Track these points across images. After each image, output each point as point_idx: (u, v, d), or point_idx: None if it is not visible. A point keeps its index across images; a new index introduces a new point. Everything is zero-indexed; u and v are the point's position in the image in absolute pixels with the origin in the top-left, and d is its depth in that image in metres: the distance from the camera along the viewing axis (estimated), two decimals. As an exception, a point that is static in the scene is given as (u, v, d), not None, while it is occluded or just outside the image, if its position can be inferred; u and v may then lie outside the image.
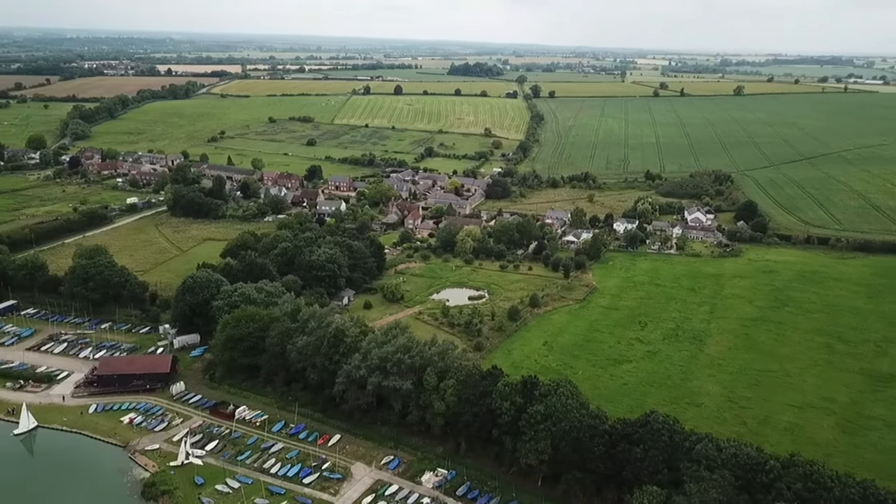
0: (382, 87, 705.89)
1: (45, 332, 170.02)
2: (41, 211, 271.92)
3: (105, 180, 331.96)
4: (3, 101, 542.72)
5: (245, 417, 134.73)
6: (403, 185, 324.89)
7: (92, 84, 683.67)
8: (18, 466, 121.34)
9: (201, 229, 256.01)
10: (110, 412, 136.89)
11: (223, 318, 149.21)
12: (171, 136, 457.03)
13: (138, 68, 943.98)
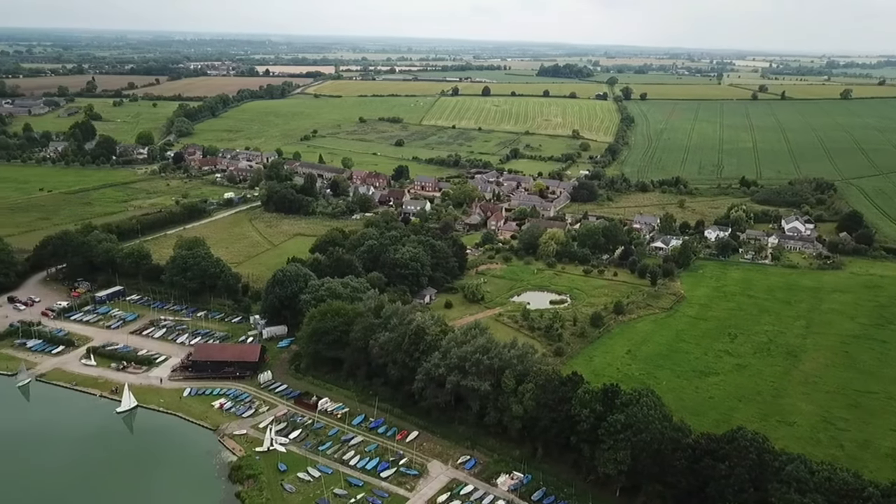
0: (470, 88, 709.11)
1: (147, 318, 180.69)
2: (147, 203, 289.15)
3: (205, 175, 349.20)
4: (117, 100, 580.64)
5: (327, 409, 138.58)
6: (487, 186, 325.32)
7: (196, 84, 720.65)
8: (119, 442, 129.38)
9: (292, 225, 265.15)
10: (202, 396, 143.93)
11: (310, 311, 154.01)
12: (266, 135, 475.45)
13: (239, 69, 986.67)
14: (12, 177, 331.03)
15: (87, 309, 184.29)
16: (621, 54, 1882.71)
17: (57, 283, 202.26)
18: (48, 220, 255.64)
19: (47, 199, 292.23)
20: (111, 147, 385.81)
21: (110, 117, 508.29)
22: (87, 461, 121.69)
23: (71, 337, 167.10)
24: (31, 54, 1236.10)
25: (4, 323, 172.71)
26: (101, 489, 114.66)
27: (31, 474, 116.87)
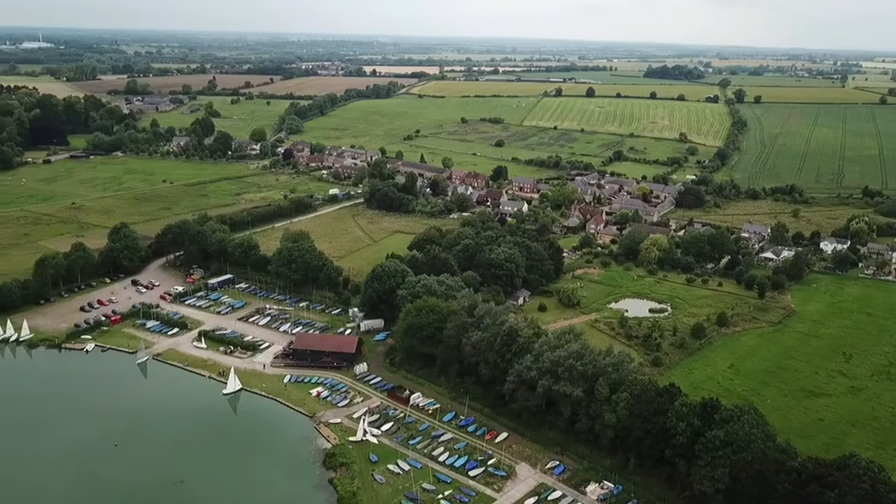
0: (574, 89, 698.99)
1: (254, 306, 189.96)
2: (258, 197, 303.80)
3: (312, 172, 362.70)
4: (234, 98, 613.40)
5: (419, 404, 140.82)
6: (588, 188, 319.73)
7: (307, 83, 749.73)
8: (223, 422, 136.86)
9: (392, 222, 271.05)
10: (301, 384, 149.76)
11: (406, 306, 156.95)
12: (371, 134, 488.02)
13: (347, 69, 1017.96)
14: (140, 169, 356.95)
15: (200, 295, 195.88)
16: (735, 55, 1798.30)
17: (175, 269, 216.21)
18: (169, 210, 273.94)
19: (169, 190, 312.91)
20: (227, 143, 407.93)
21: (228, 114, 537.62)
22: (194, 437, 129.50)
23: (185, 320, 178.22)
24: (161, 55, 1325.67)
25: (128, 304, 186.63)
26: (205, 463, 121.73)
27: (145, 444, 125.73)
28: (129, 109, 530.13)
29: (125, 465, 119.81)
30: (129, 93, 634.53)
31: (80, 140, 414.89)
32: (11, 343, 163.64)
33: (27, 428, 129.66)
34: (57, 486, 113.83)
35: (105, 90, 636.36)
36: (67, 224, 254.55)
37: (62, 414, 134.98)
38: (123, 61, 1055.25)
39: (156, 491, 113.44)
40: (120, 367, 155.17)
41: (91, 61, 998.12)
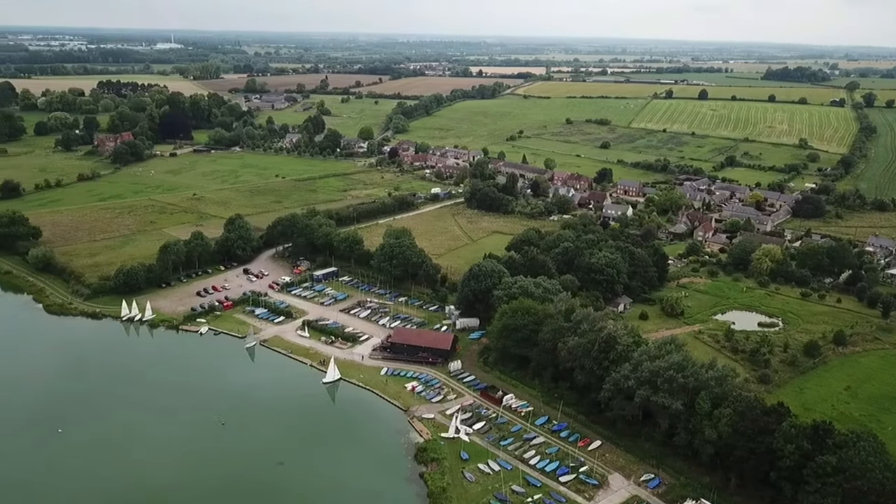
0: (686, 91, 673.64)
1: (355, 298, 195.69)
2: (363, 193, 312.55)
3: (416, 171, 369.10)
4: (344, 97, 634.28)
5: (511, 405, 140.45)
6: (697, 193, 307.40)
7: (414, 83, 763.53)
8: (322, 410, 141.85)
9: (491, 222, 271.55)
10: (397, 377, 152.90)
11: (502, 307, 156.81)
12: (474, 134, 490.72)
13: (454, 69, 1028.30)
14: (255, 163, 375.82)
15: (306, 285, 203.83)
16: (865, 56, 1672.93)
17: (283, 260, 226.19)
18: (280, 204, 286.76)
19: (281, 184, 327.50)
20: (336, 140, 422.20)
21: (338, 113, 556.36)
22: (294, 422, 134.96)
23: (290, 309, 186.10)
24: (279, 55, 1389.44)
25: (239, 291, 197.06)
26: (303, 448, 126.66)
27: (249, 425, 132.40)
28: (247, 107, 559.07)
29: (230, 443, 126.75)
30: (249, 91, 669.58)
31: (203, 135, 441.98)
32: (136, 322, 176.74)
33: (143, 402, 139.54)
34: (166, 459, 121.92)
35: (227, 88, 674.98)
36: (188, 214, 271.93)
37: (176, 391, 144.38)
38: (244, 61, 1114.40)
39: (257, 470, 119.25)
40: (230, 351, 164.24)
41: (215, 61, 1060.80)
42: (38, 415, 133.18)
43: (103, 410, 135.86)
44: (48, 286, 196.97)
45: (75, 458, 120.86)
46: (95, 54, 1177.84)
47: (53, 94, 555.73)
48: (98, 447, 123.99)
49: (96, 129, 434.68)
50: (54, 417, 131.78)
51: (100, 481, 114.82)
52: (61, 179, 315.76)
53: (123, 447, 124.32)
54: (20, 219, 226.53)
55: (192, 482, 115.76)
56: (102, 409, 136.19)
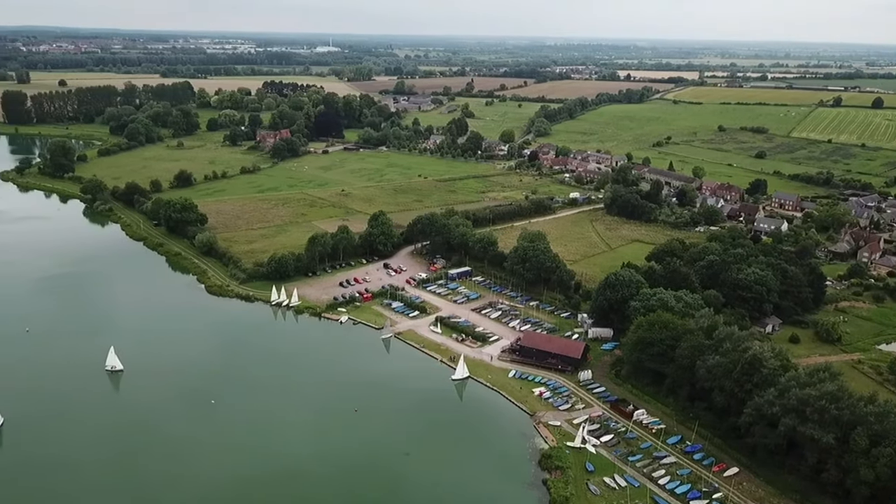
0: (857, 98, 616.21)
1: (487, 299, 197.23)
2: (500, 196, 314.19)
3: (555, 174, 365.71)
4: (488, 100, 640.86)
5: (642, 421, 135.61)
6: (864, 210, 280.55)
7: (559, 87, 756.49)
8: (449, 406, 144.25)
9: (632, 230, 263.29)
10: (525, 381, 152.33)
11: (638, 318, 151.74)
12: (619, 139, 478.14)
13: (601, 73, 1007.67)
14: (399, 163, 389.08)
15: (440, 283, 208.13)
16: None
17: (420, 257, 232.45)
18: (421, 203, 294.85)
19: (422, 184, 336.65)
20: (478, 142, 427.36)
21: (481, 115, 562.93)
22: (422, 415, 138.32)
23: (425, 305, 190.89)
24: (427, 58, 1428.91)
25: (378, 284, 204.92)
26: (428, 441, 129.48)
27: (380, 413, 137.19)
28: (395, 108, 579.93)
29: (361, 429, 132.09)
30: (397, 93, 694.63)
31: (354, 134, 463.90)
32: (283, 307, 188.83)
33: (285, 381, 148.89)
34: (301, 437, 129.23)
35: (377, 90, 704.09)
36: (336, 208, 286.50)
37: (314, 374, 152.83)
38: (395, 64, 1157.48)
39: (383, 457, 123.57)
40: (366, 340, 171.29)
41: (368, 63, 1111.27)
42: (195, 385, 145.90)
43: (249, 386, 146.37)
44: (210, 268, 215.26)
45: (222, 426, 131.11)
46: (263, 57, 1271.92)
47: (224, 94, 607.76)
48: (242, 419, 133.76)
49: (259, 125, 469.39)
50: (208, 388, 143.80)
51: (240, 451, 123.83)
52: (226, 171, 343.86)
53: (264, 421, 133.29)
54: (191, 206, 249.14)
55: (322, 462, 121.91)
56: (248, 385, 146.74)
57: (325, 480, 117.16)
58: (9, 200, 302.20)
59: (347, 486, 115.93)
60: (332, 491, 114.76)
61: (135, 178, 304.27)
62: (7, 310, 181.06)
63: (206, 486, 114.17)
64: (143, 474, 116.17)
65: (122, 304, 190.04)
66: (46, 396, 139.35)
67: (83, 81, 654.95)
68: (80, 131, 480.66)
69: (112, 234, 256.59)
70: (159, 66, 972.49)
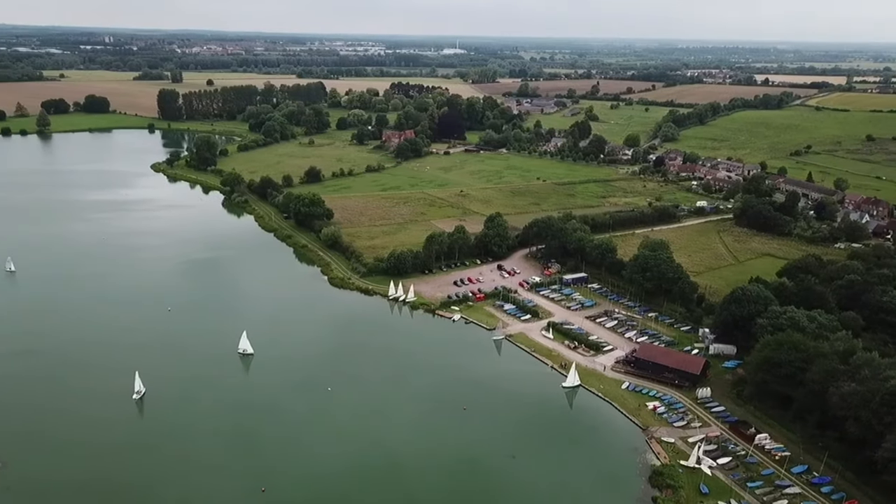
0: None
1: (602, 307, 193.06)
2: (622, 201, 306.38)
3: (681, 181, 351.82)
4: (614, 103, 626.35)
5: (764, 446, 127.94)
6: None
7: (689, 91, 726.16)
8: (558, 413, 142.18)
9: (762, 243, 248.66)
10: (638, 394, 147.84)
11: (765, 337, 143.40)
12: (752, 146, 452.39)
13: (735, 77, 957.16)
14: (519, 165, 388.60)
15: (554, 288, 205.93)
16: None
17: (535, 261, 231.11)
18: (538, 206, 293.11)
19: (541, 187, 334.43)
20: (601, 146, 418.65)
21: (605, 119, 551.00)
22: (529, 419, 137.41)
23: (537, 309, 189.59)
24: (552, 61, 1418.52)
25: (491, 285, 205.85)
26: (535, 446, 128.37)
27: (488, 414, 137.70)
28: (517, 110, 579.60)
29: (468, 428, 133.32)
30: (521, 95, 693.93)
31: (475, 136, 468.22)
32: (400, 302, 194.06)
33: (397, 374, 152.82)
34: (409, 430, 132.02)
35: (500, 92, 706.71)
36: (454, 208, 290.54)
37: (426, 369, 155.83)
38: (520, 66, 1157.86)
39: (489, 457, 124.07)
40: (478, 340, 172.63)
41: (493, 66, 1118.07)
42: (314, 372, 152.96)
43: (363, 376, 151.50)
44: (333, 261, 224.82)
45: (335, 414, 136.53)
46: (391, 59, 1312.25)
47: (354, 94, 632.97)
48: (354, 408, 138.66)
49: (385, 125, 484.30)
50: (326, 376, 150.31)
51: (350, 439, 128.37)
52: (353, 169, 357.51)
53: (374, 411, 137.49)
54: (318, 201, 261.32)
55: (428, 456, 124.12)
56: (362, 376, 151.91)
57: (427, 474, 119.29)
58: (159, 189, 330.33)
59: (449, 482, 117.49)
60: (433, 485, 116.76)
61: (269, 173, 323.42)
62: (152, 289, 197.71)
63: (314, 470, 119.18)
64: (260, 453, 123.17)
65: (253, 290, 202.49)
66: (184, 372, 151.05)
67: (228, 81, 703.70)
68: (223, 127, 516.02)
69: (246, 225, 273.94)
70: (296, 67, 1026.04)
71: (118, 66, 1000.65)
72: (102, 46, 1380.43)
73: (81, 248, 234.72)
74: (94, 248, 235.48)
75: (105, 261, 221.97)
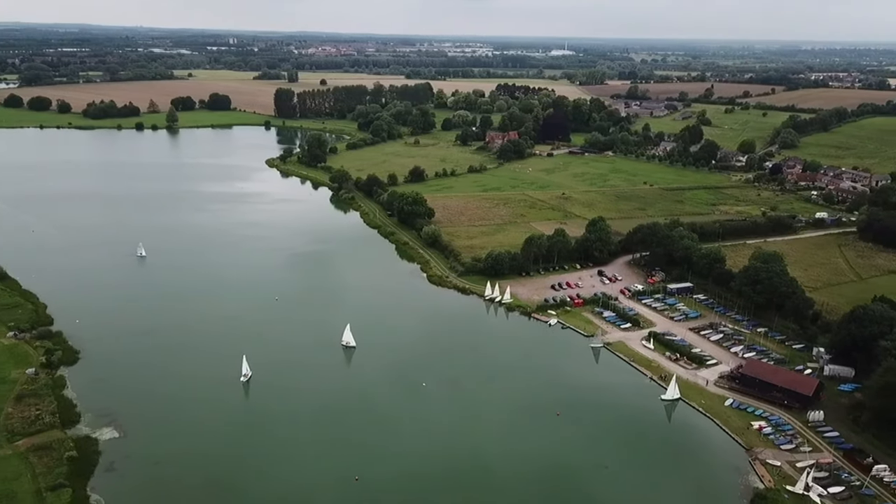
0: None
1: (707, 319, 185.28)
2: (733, 210, 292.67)
3: (800, 191, 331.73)
4: (729, 107, 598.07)
5: (883, 478, 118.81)
6: None
7: (812, 95, 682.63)
8: (655, 425, 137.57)
9: (889, 260, 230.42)
10: (743, 412, 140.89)
11: (888, 361, 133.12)
12: (882, 155, 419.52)
13: (866, 81, 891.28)
14: (625, 169, 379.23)
15: (657, 297, 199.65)
16: None
17: (637, 268, 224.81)
18: (643, 211, 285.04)
19: (647, 192, 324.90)
20: (713, 151, 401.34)
21: (719, 123, 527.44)
22: (624, 429, 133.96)
23: (638, 318, 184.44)
24: (665, 63, 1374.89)
25: (591, 291, 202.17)
26: (629, 458, 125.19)
27: (581, 421, 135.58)
28: (625, 113, 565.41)
29: (560, 434, 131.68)
30: (629, 97, 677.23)
31: (580, 138, 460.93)
32: (495, 303, 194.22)
33: (490, 375, 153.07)
34: (498, 433, 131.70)
35: (608, 94, 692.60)
36: (555, 211, 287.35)
37: (520, 372, 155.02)
38: (630, 68, 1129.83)
39: (581, 466, 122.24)
40: (574, 347, 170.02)
41: (602, 67, 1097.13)
42: (410, 367, 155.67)
43: (456, 375, 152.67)
44: (432, 259, 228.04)
45: (428, 411, 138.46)
46: (498, 60, 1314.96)
47: (460, 95, 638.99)
48: (446, 406, 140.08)
49: (489, 126, 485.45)
50: (421, 372, 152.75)
51: (440, 437, 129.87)
52: (455, 169, 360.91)
53: (465, 411, 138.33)
54: (421, 200, 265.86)
55: (519, 460, 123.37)
56: (455, 374, 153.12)
57: (517, 478, 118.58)
58: (271, 184, 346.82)
59: (539, 487, 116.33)
60: (522, 490, 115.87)
61: (375, 171, 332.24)
62: (262, 279, 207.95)
63: (405, 464, 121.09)
64: (354, 442, 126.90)
65: (355, 283, 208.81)
66: (288, 359, 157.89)
67: (339, 81, 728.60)
68: (334, 126, 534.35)
69: (351, 221, 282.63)
70: (405, 68, 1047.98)
71: (240, 66, 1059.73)
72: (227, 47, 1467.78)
73: (202, 237, 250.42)
74: (213, 236, 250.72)
75: (222, 249, 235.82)
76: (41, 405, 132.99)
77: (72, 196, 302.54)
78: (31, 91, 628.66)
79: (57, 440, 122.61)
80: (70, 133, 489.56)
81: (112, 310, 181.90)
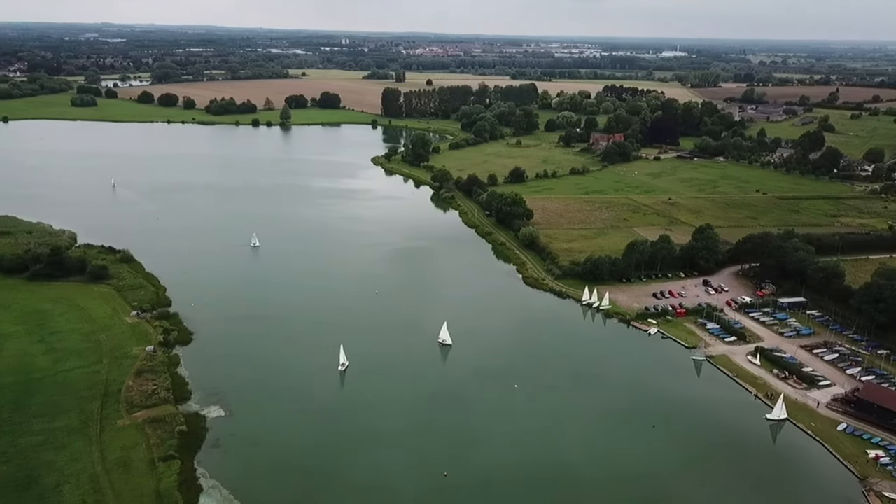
0: None
1: (821, 337, 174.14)
2: (855, 222, 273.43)
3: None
4: (855, 113, 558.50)
5: None
6: None
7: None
8: (759, 447, 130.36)
9: None
10: (857, 439, 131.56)
11: None
12: None
13: None
14: (736, 175, 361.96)
15: (766, 311, 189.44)
16: None
17: (746, 279, 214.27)
18: (754, 220, 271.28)
19: (760, 200, 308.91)
20: (834, 159, 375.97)
21: (843, 130, 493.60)
22: (722, 449, 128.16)
23: (744, 331, 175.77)
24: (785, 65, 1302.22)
25: (694, 301, 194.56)
26: (728, 479, 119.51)
27: (675, 436, 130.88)
28: (739, 117, 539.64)
29: (653, 448, 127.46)
30: (744, 101, 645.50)
31: (689, 142, 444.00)
32: (593, 308, 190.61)
33: (585, 382, 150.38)
34: (588, 442, 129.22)
35: (722, 97, 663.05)
36: (660, 216, 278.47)
37: (613, 381, 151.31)
38: (746, 70, 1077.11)
39: (675, 485, 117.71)
40: (675, 358, 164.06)
41: (716, 69, 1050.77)
42: (503, 368, 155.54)
43: (550, 379, 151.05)
44: (529, 261, 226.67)
45: (516, 414, 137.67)
46: (607, 61, 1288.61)
47: (565, 96, 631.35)
48: (536, 411, 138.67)
49: (594, 128, 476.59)
50: (513, 374, 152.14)
51: (532, 440, 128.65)
52: (556, 171, 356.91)
53: (558, 416, 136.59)
54: (520, 201, 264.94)
55: (609, 470, 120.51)
56: (550, 378, 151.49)
57: (605, 489, 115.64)
58: (376, 181, 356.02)
59: (628, 501, 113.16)
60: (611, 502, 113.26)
61: (475, 171, 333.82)
62: (363, 273, 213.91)
63: (493, 465, 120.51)
64: (445, 438, 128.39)
65: (453, 282, 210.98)
66: (384, 352, 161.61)
67: (445, 81, 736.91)
68: (437, 126, 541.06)
69: (450, 219, 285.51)
70: (510, 69, 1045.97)
71: (350, 66, 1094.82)
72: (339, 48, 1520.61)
73: (310, 229, 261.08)
74: (320, 229, 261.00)
75: (327, 242, 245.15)
76: (157, 381, 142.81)
77: (192, 187, 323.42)
78: (161, 88, 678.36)
79: (170, 414, 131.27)
80: (193, 128, 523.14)
81: (224, 295, 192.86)
